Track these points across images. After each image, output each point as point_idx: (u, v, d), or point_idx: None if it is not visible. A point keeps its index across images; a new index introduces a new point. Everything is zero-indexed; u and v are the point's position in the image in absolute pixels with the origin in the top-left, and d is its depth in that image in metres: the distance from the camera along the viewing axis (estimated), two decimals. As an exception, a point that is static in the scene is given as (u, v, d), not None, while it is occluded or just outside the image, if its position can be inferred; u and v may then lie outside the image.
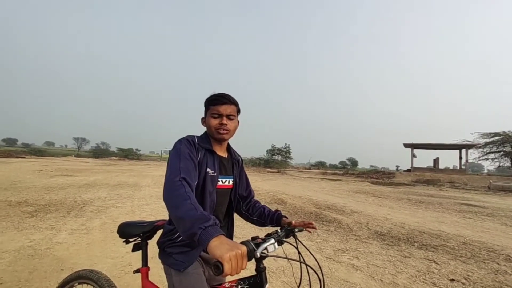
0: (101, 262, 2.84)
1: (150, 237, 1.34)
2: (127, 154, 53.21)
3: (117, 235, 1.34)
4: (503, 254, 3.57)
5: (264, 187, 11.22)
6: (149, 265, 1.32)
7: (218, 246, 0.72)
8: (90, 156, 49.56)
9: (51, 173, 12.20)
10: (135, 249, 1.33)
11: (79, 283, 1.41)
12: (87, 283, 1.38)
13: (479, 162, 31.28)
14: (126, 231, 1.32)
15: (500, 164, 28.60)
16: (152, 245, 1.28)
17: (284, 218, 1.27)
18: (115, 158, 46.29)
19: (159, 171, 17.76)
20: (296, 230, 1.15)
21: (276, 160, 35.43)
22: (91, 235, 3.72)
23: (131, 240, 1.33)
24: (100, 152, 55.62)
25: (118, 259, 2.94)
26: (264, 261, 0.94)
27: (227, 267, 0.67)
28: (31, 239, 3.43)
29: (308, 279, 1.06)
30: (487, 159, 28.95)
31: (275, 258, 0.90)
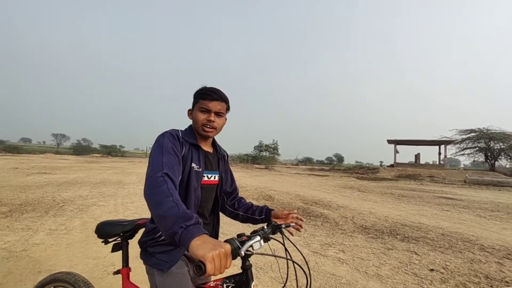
0: (81, 263, 2.73)
1: (131, 237, 1.29)
2: (110, 151, 51.51)
3: (98, 235, 1.27)
4: (477, 244, 3.77)
5: (252, 183, 11.23)
6: (133, 264, 1.26)
7: (200, 246, 0.68)
8: (71, 153, 47.39)
9: (28, 171, 11.57)
10: (114, 249, 1.27)
11: (54, 287, 1.33)
12: (64, 286, 1.31)
13: (456, 157, 32.97)
14: (105, 230, 1.25)
15: (475, 159, 30.32)
16: (134, 245, 1.22)
17: (272, 212, 1.26)
18: (97, 155, 44.69)
19: (144, 168, 17.29)
20: (283, 226, 1.14)
21: (264, 157, 35.62)
22: (71, 235, 3.56)
23: (110, 240, 1.27)
24: (81, 149, 53.42)
25: (100, 260, 2.83)
26: (251, 257, 0.92)
27: (209, 267, 0.64)
28: (5, 241, 3.24)
29: (295, 274, 1.05)
30: (463, 154, 30.58)
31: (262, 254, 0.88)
